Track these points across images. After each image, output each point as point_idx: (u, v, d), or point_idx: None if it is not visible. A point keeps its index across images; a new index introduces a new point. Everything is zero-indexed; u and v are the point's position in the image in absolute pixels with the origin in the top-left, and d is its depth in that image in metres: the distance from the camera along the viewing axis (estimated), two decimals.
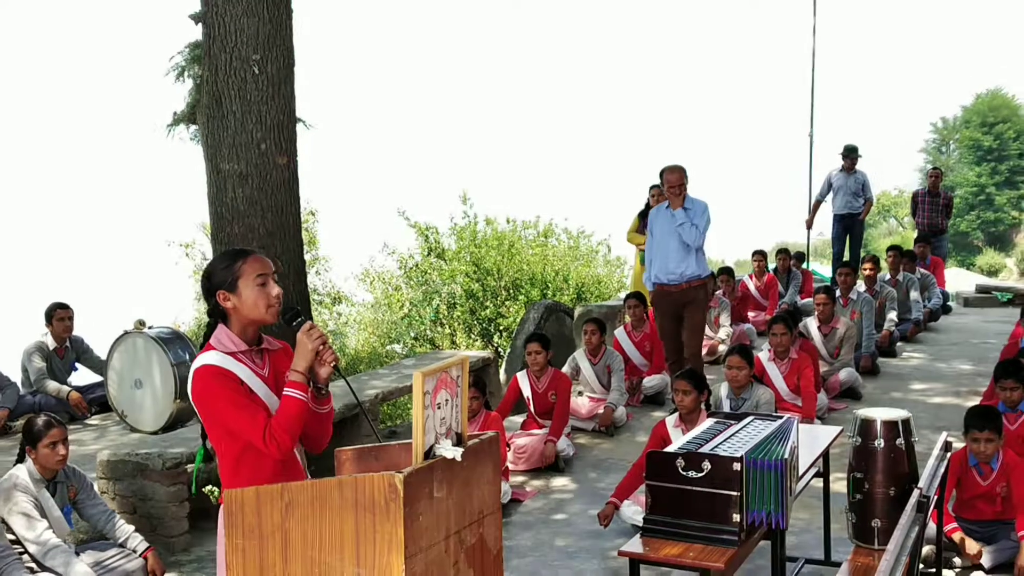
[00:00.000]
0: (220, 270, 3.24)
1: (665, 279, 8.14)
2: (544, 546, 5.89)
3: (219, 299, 3.23)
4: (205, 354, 3.19)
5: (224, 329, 3.25)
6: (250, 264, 3.23)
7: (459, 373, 2.99)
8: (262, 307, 3.21)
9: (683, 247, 8.04)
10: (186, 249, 18.70)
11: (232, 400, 3.11)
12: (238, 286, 3.21)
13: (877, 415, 4.28)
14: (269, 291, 3.23)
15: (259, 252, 3.33)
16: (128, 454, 6.04)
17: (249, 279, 3.21)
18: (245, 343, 3.25)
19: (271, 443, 3.08)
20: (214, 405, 3.13)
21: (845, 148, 13.14)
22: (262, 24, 7.38)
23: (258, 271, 3.22)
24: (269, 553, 2.79)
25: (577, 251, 19.27)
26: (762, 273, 12.48)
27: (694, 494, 3.79)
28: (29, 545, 4.97)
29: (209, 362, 3.15)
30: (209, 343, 3.23)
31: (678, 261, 8.09)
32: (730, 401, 7.00)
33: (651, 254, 8.32)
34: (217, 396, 3.12)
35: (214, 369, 3.14)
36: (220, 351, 3.19)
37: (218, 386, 3.12)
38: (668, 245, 8.11)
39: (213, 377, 3.13)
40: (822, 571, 5.16)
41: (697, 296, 8.16)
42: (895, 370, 9.98)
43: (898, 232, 39.29)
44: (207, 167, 7.65)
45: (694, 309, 8.21)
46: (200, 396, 3.14)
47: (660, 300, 8.28)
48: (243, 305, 3.21)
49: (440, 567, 2.82)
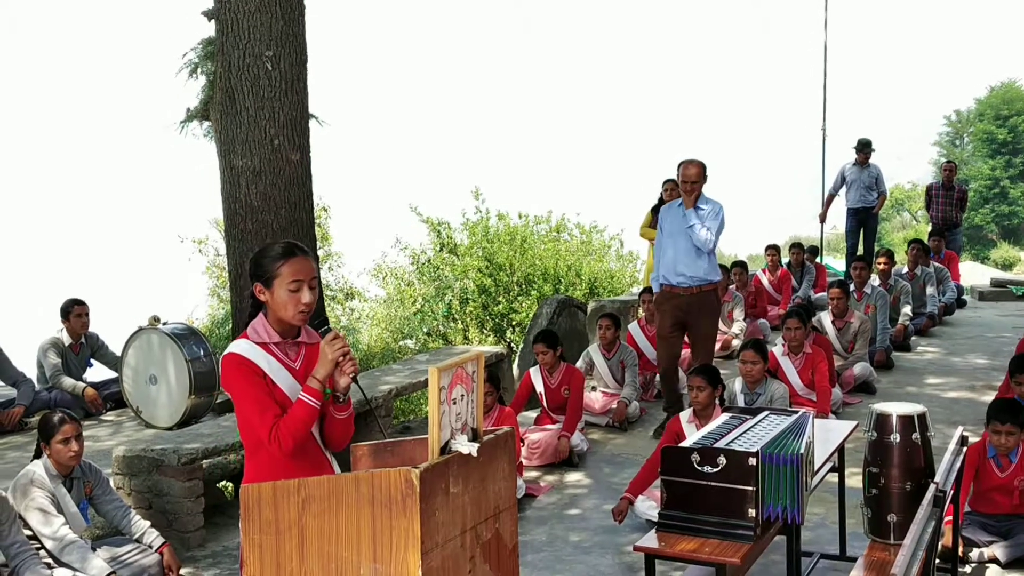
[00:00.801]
0: (265, 262, 3.26)
1: (673, 280, 7.69)
2: (558, 541, 5.90)
3: (255, 290, 3.28)
4: (237, 342, 3.25)
5: (262, 319, 3.29)
6: (290, 267, 3.22)
7: (475, 368, 2.99)
8: (291, 311, 3.23)
9: (694, 247, 7.62)
10: (199, 245, 18.75)
11: (248, 392, 3.16)
12: (273, 284, 3.23)
13: (893, 410, 4.27)
14: (300, 297, 3.23)
15: (308, 255, 3.31)
16: (143, 450, 6.07)
17: (284, 281, 3.21)
18: (279, 335, 3.28)
19: (274, 442, 3.11)
20: (234, 392, 3.20)
21: (859, 142, 13.10)
22: (275, 21, 7.40)
23: (295, 276, 3.22)
24: (286, 548, 2.80)
25: (590, 246, 19.23)
26: (775, 267, 12.44)
27: (709, 489, 3.78)
28: (46, 540, 5.00)
29: (237, 351, 3.21)
30: (245, 331, 3.29)
31: (688, 262, 7.64)
32: (744, 396, 6.99)
33: (659, 253, 7.91)
34: (237, 385, 3.18)
35: (239, 359, 3.19)
36: (252, 340, 3.24)
37: (239, 375, 3.18)
38: (677, 244, 7.68)
39: (236, 366, 3.19)
40: (837, 566, 5.14)
41: (707, 302, 7.70)
42: (910, 364, 9.94)
43: (912, 226, 39.11)
44: (220, 163, 7.67)
45: (704, 316, 7.74)
46: (225, 382, 3.24)
47: (664, 302, 7.80)
48: (274, 303, 3.24)
49: (456, 562, 2.82)
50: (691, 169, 7.63)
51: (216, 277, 18.18)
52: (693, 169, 7.63)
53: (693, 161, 7.69)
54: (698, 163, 7.67)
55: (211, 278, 18.51)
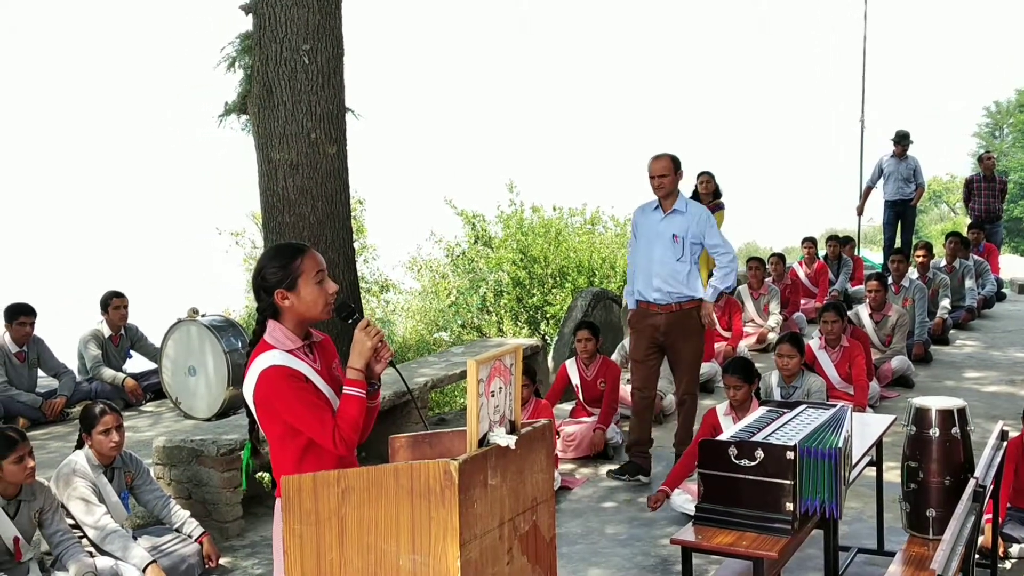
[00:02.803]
0: (277, 268, 3.19)
1: (649, 296, 6.66)
2: (594, 533, 5.90)
3: (277, 298, 3.19)
4: (268, 354, 3.14)
5: (279, 326, 3.21)
6: (309, 261, 3.20)
7: (512, 361, 3.00)
8: (320, 305, 3.20)
9: (672, 257, 6.58)
10: (237, 238, 18.90)
11: (304, 400, 3.08)
12: (298, 284, 3.17)
13: (932, 404, 4.24)
14: (327, 288, 3.21)
15: (311, 248, 3.29)
16: (183, 440, 6.13)
17: (309, 277, 3.18)
18: (299, 339, 3.23)
19: (340, 443, 3.07)
20: (283, 405, 3.09)
21: (896, 134, 13.00)
22: (311, 14, 7.43)
23: (317, 268, 3.20)
24: (326, 538, 2.82)
25: (624, 238, 19.17)
26: (812, 260, 12.37)
27: (747, 482, 3.77)
28: (88, 530, 5.07)
29: (276, 363, 3.11)
30: (265, 341, 3.18)
31: (665, 275, 6.60)
32: (781, 390, 6.96)
33: (634, 264, 6.84)
34: (288, 397, 3.08)
35: (284, 370, 3.10)
36: (281, 349, 3.15)
37: (289, 387, 3.08)
38: (652, 253, 6.65)
39: (284, 378, 3.09)
40: (875, 560, 5.11)
41: (688, 322, 6.63)
42: (948, 358, 9.86)
43: (950, 218, 38.71)
44: (258, 157, 7.72)
45: (685, 339, 6.66)
46: (267, 397, 3.10)
47: (639, 321, 6.75)
48: (301, 303, 3.18)
49: (494, 554, 2.83)
50: (661, 161, 6.59)
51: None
52: (663, 162, 6.58)
53: (663, 154, 6.65)
54: (669, 156, 6.64)
55: (248, 271, 18.65)
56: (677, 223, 6.61)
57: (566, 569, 5.35)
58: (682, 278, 6.59)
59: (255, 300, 3.31)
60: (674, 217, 6.63)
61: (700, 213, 6.65)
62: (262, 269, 3.24)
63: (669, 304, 6.61)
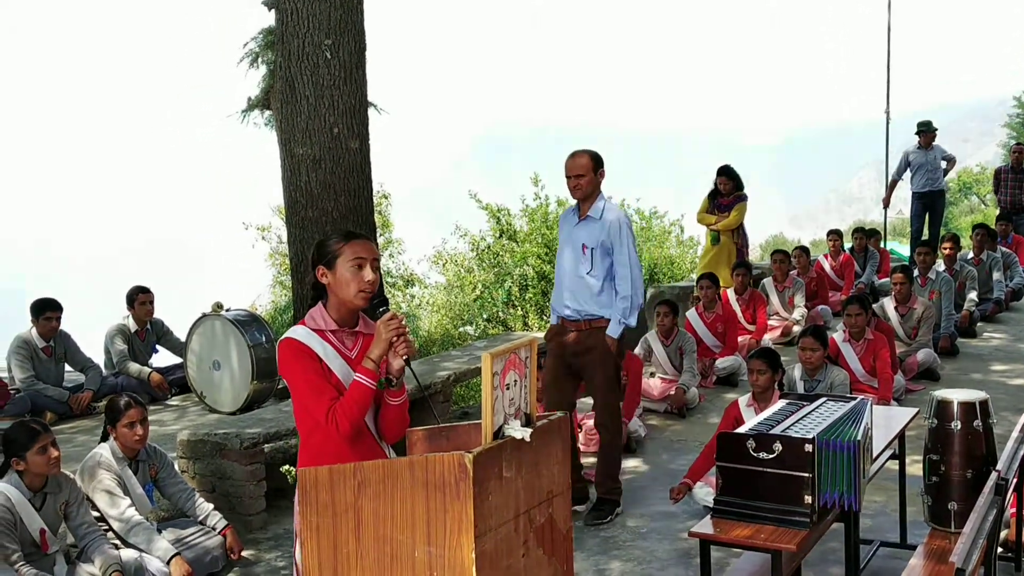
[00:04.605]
0: (328, 244, 3.34)
1: (561, 311, 5.97)
2: (615, 526, 5.90)
3: (318, 273, 3.33)
4: (294, 328, 3.33)
5: (320, 307, 3.35)
6: (352, 246, 3.30)
7: (528, 354, 3.00)
8: (353, 289, 3.28)
9: (582, 269, 5.85)
10: (262, 232, 18.97)
11: (305, 377, 3.22)
12: (336, 264, 3.29)
13: (954, 396, 4.22)
14: (363, 275, 3.28)
15: (366, 237, 3.40)
16: (207, 434, 6.18)
17: (347, 259, 3.28)
18: (336, 323, 3.33)
19: (331, 423, 3.18)
20: (289, 376, 3.27)
21: (920, 124, 12.92)
22: (333, 9, 7.45)
23: (357, 253, 3.29)
24: (342, 530, 2.84)
25: (649, 232, 19.15)
26: (838, 253, 12.29)
27: (765, 475, 3.77)
28: (112, 522, 5.11)
29: (293, 336, 3.28)
30: (303, 318, 3.35)
31: (574, 288, 5.89)
32: (804, 383, 6.93)
33: (556, 274, 6.20)
34: (294, 370, 3.24)
35: (296, 344, 3.26)
36: (309, 327, 3.30)
37: (296, 361, 3.24)
38: (564, 264, 6.00)
39: (293, 351, 3.25)
40: (897, 554, 5.09)
41: (598, 344, 5.84)
42: (975, 351, 9.78)
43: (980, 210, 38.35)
44: (281, 152, 7.76)
45: (594, 363, 5.88)
46: (282, 367, 3.30)
47: (551, 338, 6.06)
48: (336, 284, 3.30)
49: (509, 546, 2.84)
50: (577, 159, 5.81)
51: (278, 264, 18.39)
52: (579, 159, 5.80)
53: (580, 151, 5.87)
54: (587, 153, 5.85)
55: (273, 265, 18.73)
56: (588, 231, 5.86)
57: (587, 561, 5.35)
58: (590, 294, 5.84)
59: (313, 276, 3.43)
60: (587, 224, 5.87)
61: (614, 221, 5.81)
62: (319, 244, 3.39)
63: (579, 321, 5.90)
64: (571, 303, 5.90)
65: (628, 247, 5.79)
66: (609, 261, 5.82)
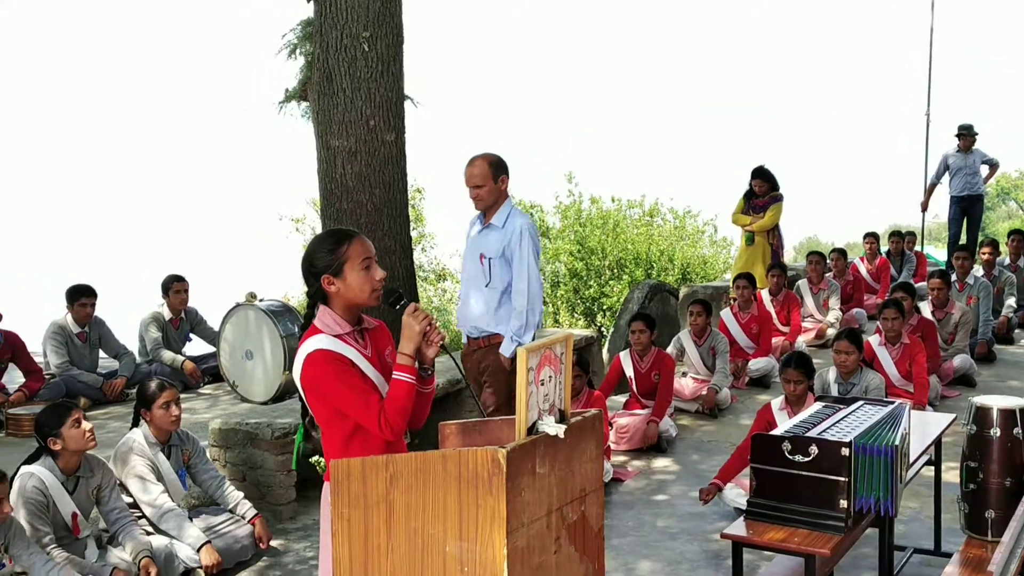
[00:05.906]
0: (324, 253, 3.24)
1: (465, 328, 5.57)
2: (645, 526, 5.87)
3: (323, 283, 3.23)
4: (314, 338, 3.19)
5: (328, 311, 3.25)
6: (355, 247, 3.23)
7: (563, 350, 2.98)
8: (367, 291, 3.22)
9: (481, 281, 5.41)
10: (296, 224, 19.07)
11: (348, 384, 3.13)
12: (344, 270, 3.21)
13: (994, 403, 4.16)
14: (373, 275, 3.23)
15: (360, 233, 3.31)
16: (239, 423, 6.20)
17: (355, 263, 3.21)
18: (349, 324, 3.26)
19: (385, 427, 3.10)
20: (328, 388, 3.14)
21: (960, 127, 12.74)
22: (372, 2, 7.44)
23: (364, 254, 3.22)
24: (374, 522, 2.83)
25: (683, 231, 19.08)
26: (874, 256, 12.19)
27: (800, 478, 3.72)
28: (144, 508, 5.15)
29: (321, 346, 3.16)
30: (314, 326, 3.23)
31: (473, 302, 5.48)
32: (838, 386, 6.86)
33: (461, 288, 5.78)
34: (333, 380, 3.13)
35: (328, 354, 3.15)
36: (328, 334, 3.19)
37: (333, 371, 3.13)
38: (466, 276, 5.60)
39: (328, 362, 3.14)
40: (932, 561, 5.03)
41: (491, 364, 5.43)
42: (1012, 357, 9.66)
43: (1018, 215, 37.92)
44: (317, 143, 7.76)
45: (488, 383, 5.47)
46: (313, 380, 3.16)
47: (463, 360, 5.58)
48: (348, 289, 3.22)
49: (541, 542, 2.82)
50: (473, 168, 5.32)
51: None
52: (476, 168, 5.32)
53: (477, 157, 5.36)
54: (486, 159, 5.35)
55: None
56: (488, 240, 5.41)
57: (616, 561, 5.32)
58: (487, 309, 5.40)
59: (305, 285, 3.34)
60: (489, 233, 5.42)
61: (516, 228, 5.32)
62: (310, 255, 3.29)
63: (478, 339, 5.50)
64: (471, 319, 5.49)
65: (528, 257, 5.31)
66: (510, 273, 5.37)
